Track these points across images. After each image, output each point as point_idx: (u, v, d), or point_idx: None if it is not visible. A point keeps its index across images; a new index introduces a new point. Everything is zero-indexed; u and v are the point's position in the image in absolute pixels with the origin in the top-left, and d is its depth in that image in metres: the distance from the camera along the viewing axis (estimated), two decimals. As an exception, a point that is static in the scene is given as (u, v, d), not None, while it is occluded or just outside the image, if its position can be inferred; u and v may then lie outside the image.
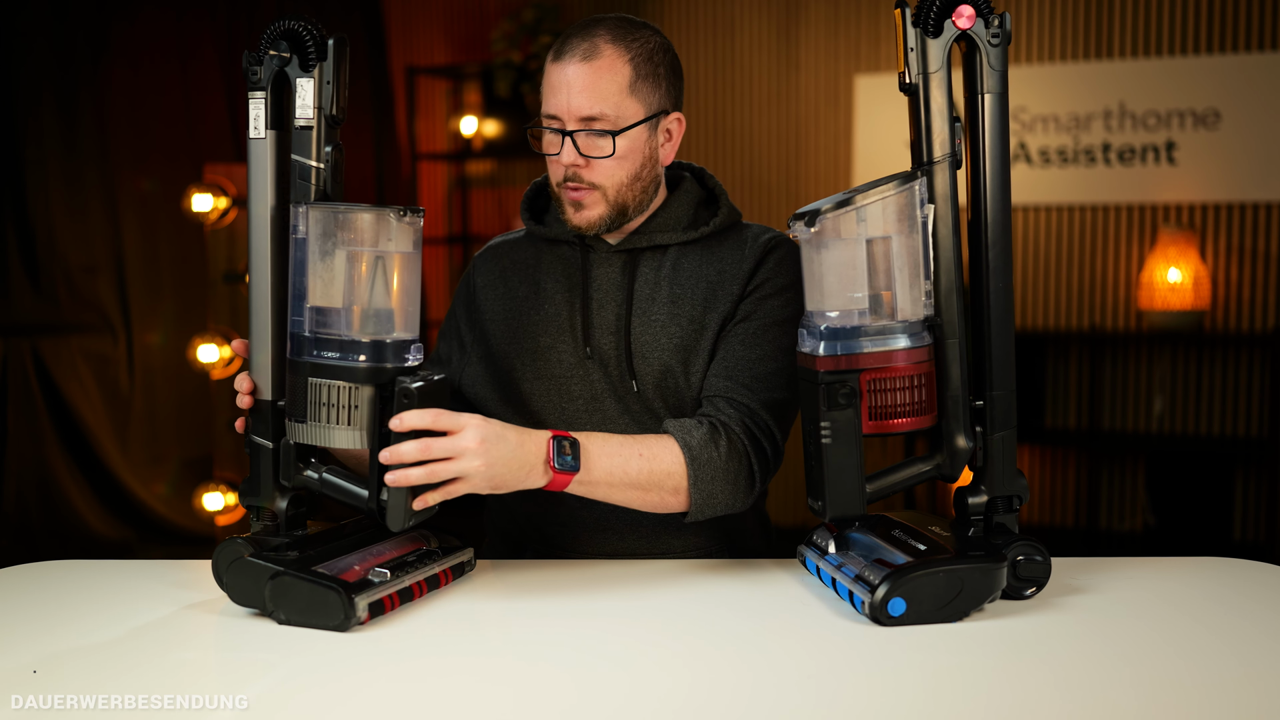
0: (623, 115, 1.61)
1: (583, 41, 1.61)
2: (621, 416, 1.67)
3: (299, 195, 1.43)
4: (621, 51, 1.61)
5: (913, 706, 1.16)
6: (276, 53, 1.43)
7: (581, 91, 1.59)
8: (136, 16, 4.61)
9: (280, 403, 1.45)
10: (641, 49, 1.63)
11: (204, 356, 3.87)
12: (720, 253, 1.70)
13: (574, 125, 1.61)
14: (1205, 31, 4.37)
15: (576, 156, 1.61)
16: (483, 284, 1.78)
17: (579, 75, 1.60)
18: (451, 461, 1.39)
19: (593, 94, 1.59)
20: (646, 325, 1.67)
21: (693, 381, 1.66)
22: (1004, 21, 1.42)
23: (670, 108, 1.68)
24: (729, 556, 1.71)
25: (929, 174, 1.42)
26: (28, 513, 4.36)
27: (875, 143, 4.77)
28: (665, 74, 1.66)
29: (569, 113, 1.60)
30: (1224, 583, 1.54)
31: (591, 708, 1.16)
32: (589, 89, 1.59)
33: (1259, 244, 4.37)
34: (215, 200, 3.84)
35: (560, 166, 1.63)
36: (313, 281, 1.40)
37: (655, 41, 1.65)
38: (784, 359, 1.64)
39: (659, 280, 1.69)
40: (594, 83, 1.59)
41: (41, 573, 1.61)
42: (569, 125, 1.61)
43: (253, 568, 1.37)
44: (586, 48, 1.60)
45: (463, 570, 1.54)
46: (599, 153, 1.61)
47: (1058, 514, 4.66)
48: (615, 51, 1.61)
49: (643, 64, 1.62)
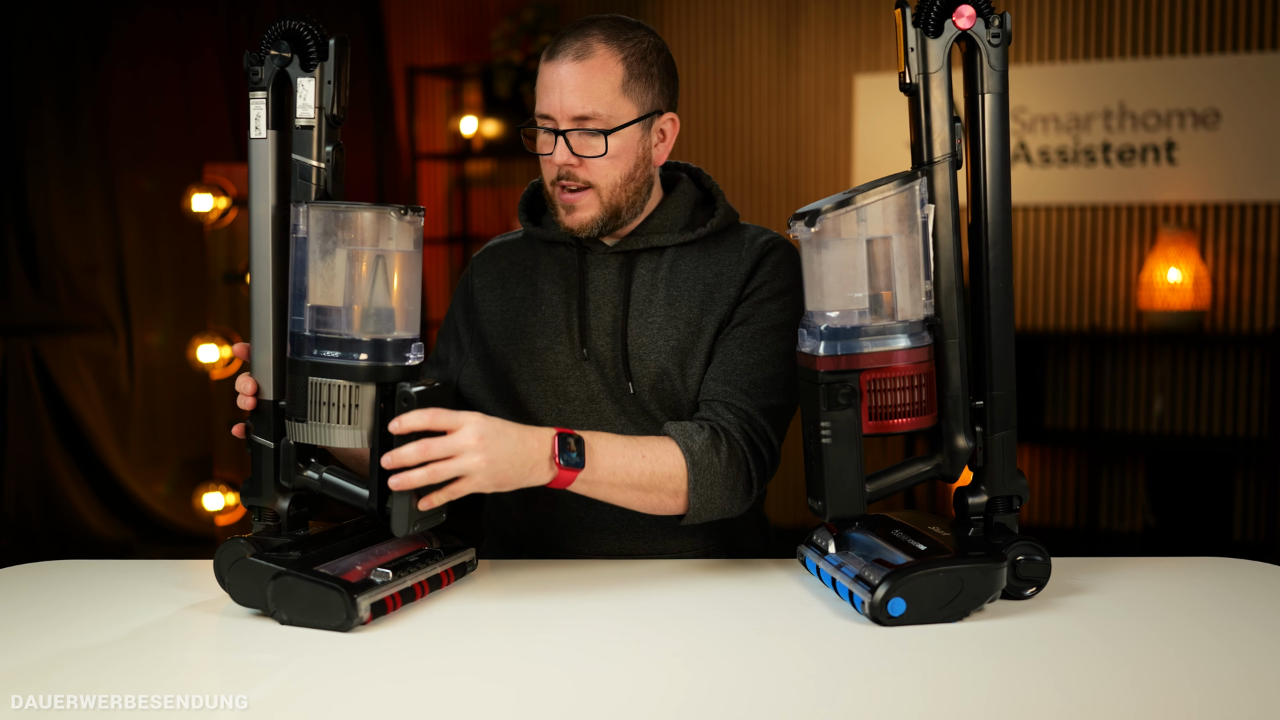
0: (615, 115, 1.61)
1: (575, 41, 1.61)
2: (618, 418, 1.67)
3: (300, 195, 1.43)
4: (614, 51, 1.61)
5: (913, 706, 1.16)
6: (278, 52, 1.43)
7: (574, 91, 1.59)
8: (136, 16, 4.61)
9: (281, 403, 1.45)
10: (634, 48, 1.63)
11: (204, 356, 3.87)
12: (717, 254, 1.70)
13: (566, 124, 1.61)
14: (1205, 31, 4.37)
15: (569, 156, 1.61)
16: (481, 285, 1.79)
17: (571, 74, 1.60)
18: (452, 460, 1.39)
19: (585, 93, 1.59)
20: (643, 327, 1.67)
21: (689, 384, 1.66)
22: (1004, 21, 1.42)
23: (664, 108, 1.68)
24: (727, 557, 1.71)
25: (929, 174, 1.42)
26: (28, 513, 4.36)
27: (875, 143, 4.77)
28: (659, 74, 1.66)
29: (561, 112, 1.60)
30: (1224, 583, 1.54)
31: (591, 708, 1.16)
32: (581, 88, 1.59)
33: (1259, 244, 4.37)
34: (215, 200, 3.84)
35: (553, 166, 1.63)
36: (313, 281, 1.40)
37: (649, 41, 1.65)
38: (781, 364, 1.64)
39: (656, 282, 1.69)
40: (586, 82, 1.59)
41: (41, 573, 1.61)
42: (561, 124, 1.61)
43: (255, 568, 1.37)
44: (579, 47, 1.60)
45: (464, 570, 1.54)
46: (591, 152, 1.61)
47: (1058, 514, 4.66)
48: (608, 51, 1.61)
49: (635, 63, 1.62)
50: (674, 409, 1.67)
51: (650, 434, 1.63)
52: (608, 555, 1.69)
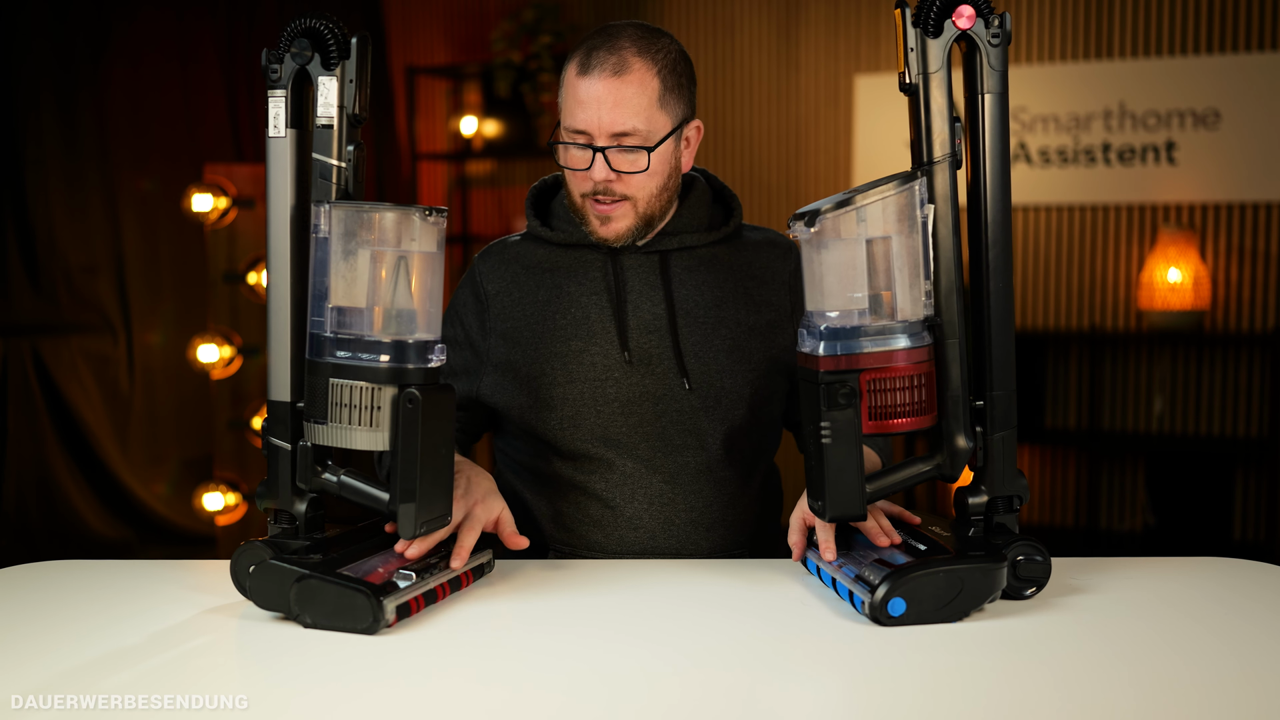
0: (654, 129, 1.62)
1: (610, 55, 1.60)
2: (658, 420, 1.68)
3: (320, 194, 1.41)
4: (649, 64, 1.61)
5: (913, 706, 1.16)
6: (299, 50, 1.42)
7: (614, 107, 1.59)
8: (136, 16, 4.61)
9: (299, 404, 1.44)
10: (666, 60, 1.63)
11: (204, 356, 3.87)
12: (747, 254, 1.75)
13: (605, 141, 1.61)
14: (1205, 31, 4.37)
15: (609, 172, 1.62)
16: (496, 290, 1.77)
17: (610, 91, 1.59)
18: (467, 532, 1.49)
19: (626, 109, 1.60)
20: (693, 326, 1.69)
21: (740, 383, 1.70)
22: (1004, 21, 1.42)
23: (690, 115, 1.69)
24: (753, 556, 1.72)
25: (929, 174, 1.42)
26: (28, 513, 4.36)
27: (875, 143, 4.77)
28: (686, 83, 1.67)
29: (600, 128, 1.60)
30: (1224, 583, 1.54)
31: (591, 708, 1.16)
32: (621, 104, 1.60)
33: (1259, 244, 4.37)
34: (215, 200, 3.84)
35: (589, 181, 1.64)
36: (335, 281, 1.38)
37: (675, 50, 1.66)
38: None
39: (697, 282, 1.72)
40: (627, 98, 1.60)
41: (41, 573, 1.61)
42: (599, 141, 1.61)
43: (278, 571, 1.36)
44: (615, 62, 1.60)
45: (482, 571, 1.54)
46: (632, 168, 1.62)
47: (1058, 514, 4.66)
48: (643, 65, 1.61)
49: (669, 76, 1.63)
50: (722, 408, 1.69)
51: (687, 438, 1.68)
52: (637, 553, 1.70)
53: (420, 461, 1.36)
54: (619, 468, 1.69)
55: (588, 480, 1.70)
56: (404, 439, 1.36)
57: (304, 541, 1.42)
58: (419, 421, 1.35)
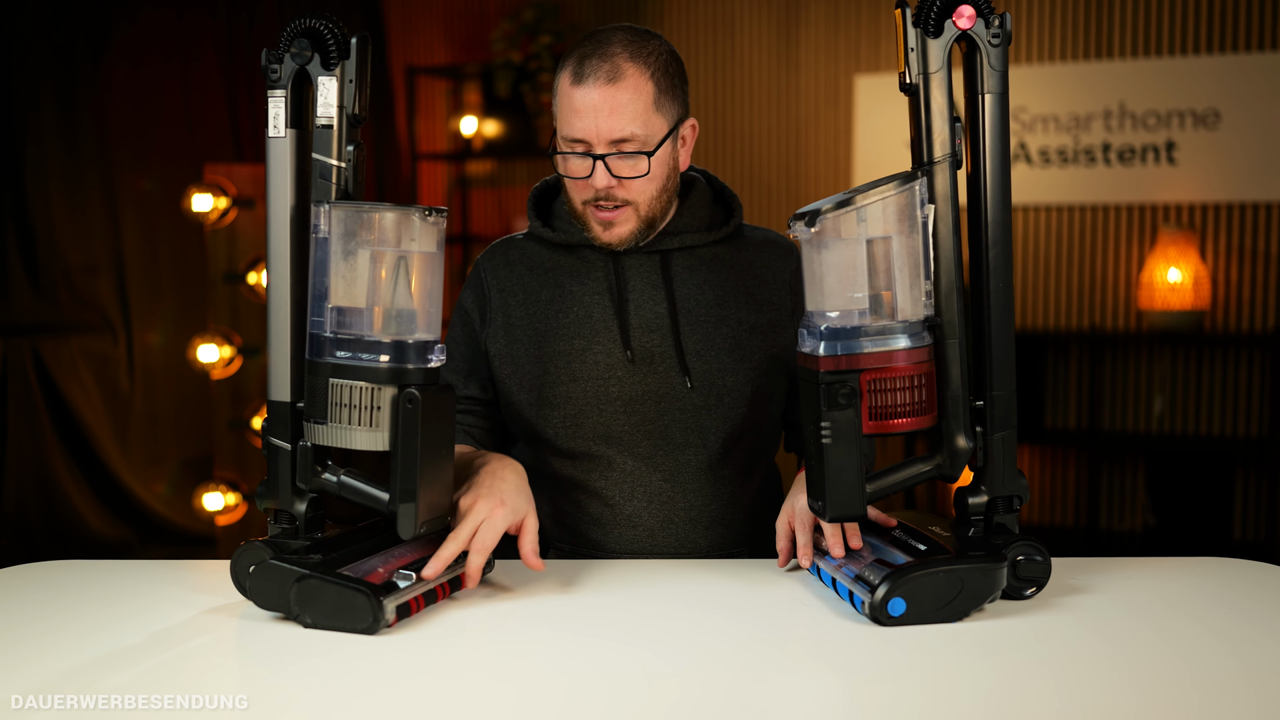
0: (651, 133, 1.62)
1: (603, 62, 1.60)
2: (660, 419, 1.69)
3: (319, 194, 1.42)
4: (642, 69, 1.61)
5: (913, 706, 1.16)
6: (299, 50, 1.42)
7: (611, 115, 1.60)
8: (137, 16, 4.61)
9: (299, 404, 1.44)
10: (658, 62, 1.63)
11: (204, 356, 3.87)
12: (748, 254, 1.76)
13: (603, 148, 1.61)
14: (1205, 31, 4.37)
15: (609, 179, 1.62)
16: (500, 290, 1.77)
17: (605, 98, 1.60)
18: (481, 533, 1.46)
19: (622, 116, 1.60)
20: (695, 325, 1.69)
21: (741, 381, 1.70)
22: (1004, 21, 1.42)
23: (685, 115, 1.70)
24: (752, 557, 1.72)
25: (929, 174, 1.42)
26: (28, 513, 4.36)
27: (875, 143, 4.77)
28: (679, 83, 1.68)
29: (598, 136, 1.60)
30: (1224, 583, 1.54)
31: (592, 707, 1.16)
32: (618, 111, 1.60)
33: (1259, 244, 4.37)
34: (215, 200, 3.84)
35: (590, 189, 1.64)
36: (334, 281, 1.38)
37: (666, 51, 1.66)
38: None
39: (698, 281, 1.73)
40: (622, 105, 1.60)
41: (42, 573, 1.61)
42: (598, 149, 1.61)
43: (278, 571, 1.36)
44: (609, 69, 1.60)
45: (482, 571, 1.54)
46: (632, 173, 1.63)
47: (1058, 514, 4.66)
48: (636, 69, 1.61)
49: (662, 78, 1.64)
50: (724, 406, 1.69)
51: (689, 436, 1.68)
52: (636, 552, 1.70)
53: (420, 461, 1.37)
54: (619, 466, 1.69)
55: (587, 478, 1.70)
56: (404, 439, 1.36)
57: (304, 541, 1.42)
58: (419, 421, 1.35)
